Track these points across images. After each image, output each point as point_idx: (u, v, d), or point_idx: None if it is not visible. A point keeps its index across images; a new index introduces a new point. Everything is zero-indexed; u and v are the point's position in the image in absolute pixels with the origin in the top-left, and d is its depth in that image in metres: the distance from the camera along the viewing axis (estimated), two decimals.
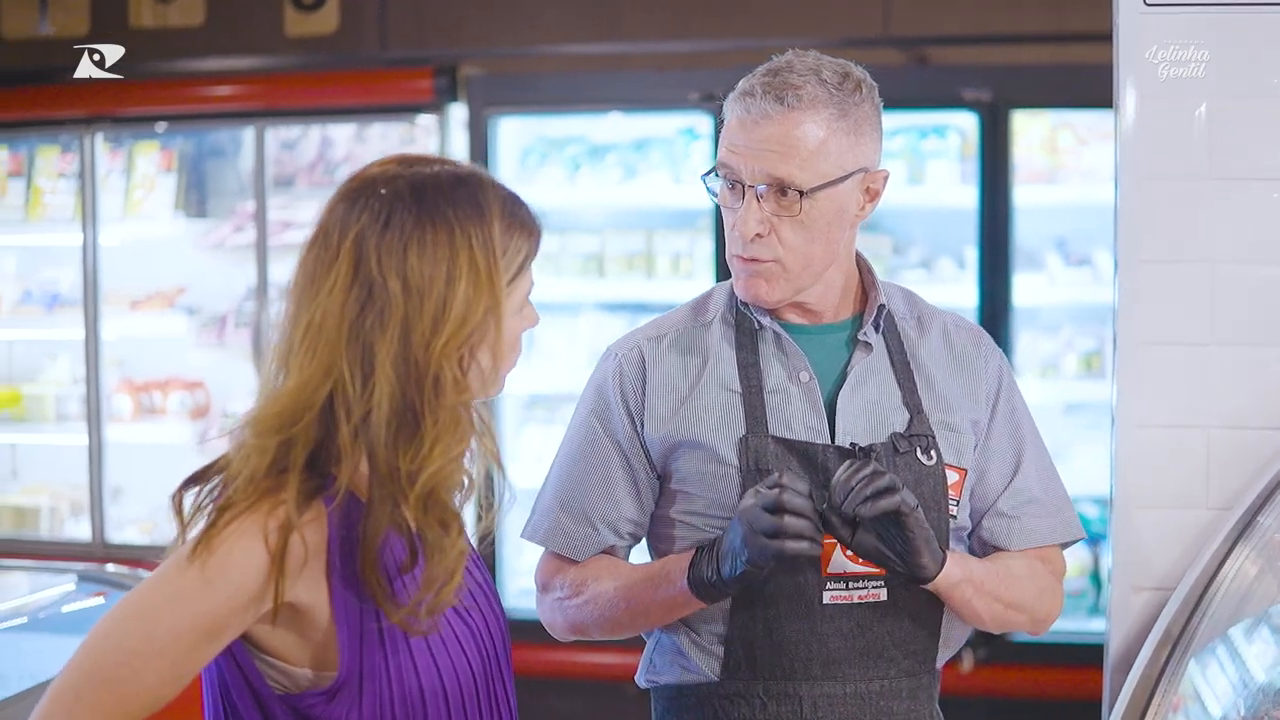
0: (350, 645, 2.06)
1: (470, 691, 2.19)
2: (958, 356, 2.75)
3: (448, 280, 2.03)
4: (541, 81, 6.56)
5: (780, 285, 2.61)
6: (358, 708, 2.08)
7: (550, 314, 6.69)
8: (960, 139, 6.19)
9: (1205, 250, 3.02)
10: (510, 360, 2.16)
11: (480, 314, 2.05)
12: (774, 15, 6.35)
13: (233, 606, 1.99)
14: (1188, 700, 2.77)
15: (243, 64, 6.84)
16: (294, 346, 2.03)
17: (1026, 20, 6.16)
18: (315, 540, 2.02)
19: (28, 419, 7.30)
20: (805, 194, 2.53)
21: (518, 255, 2.11)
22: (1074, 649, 5.89)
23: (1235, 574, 2.88)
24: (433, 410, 2.03)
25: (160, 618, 1.98)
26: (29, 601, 4.04)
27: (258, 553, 1.98)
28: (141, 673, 1.97)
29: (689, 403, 2.66)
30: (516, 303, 2.13)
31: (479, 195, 2.09)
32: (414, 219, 2.04)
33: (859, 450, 2.60)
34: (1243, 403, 3.02)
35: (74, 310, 7.04)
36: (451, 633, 2.17)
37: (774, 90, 2.53)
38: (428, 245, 2.04)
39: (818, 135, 2.53)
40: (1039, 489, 2.76)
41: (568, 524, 2.72)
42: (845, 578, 2.59)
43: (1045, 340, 6.31)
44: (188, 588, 1.98)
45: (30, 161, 7.14)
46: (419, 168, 2.11)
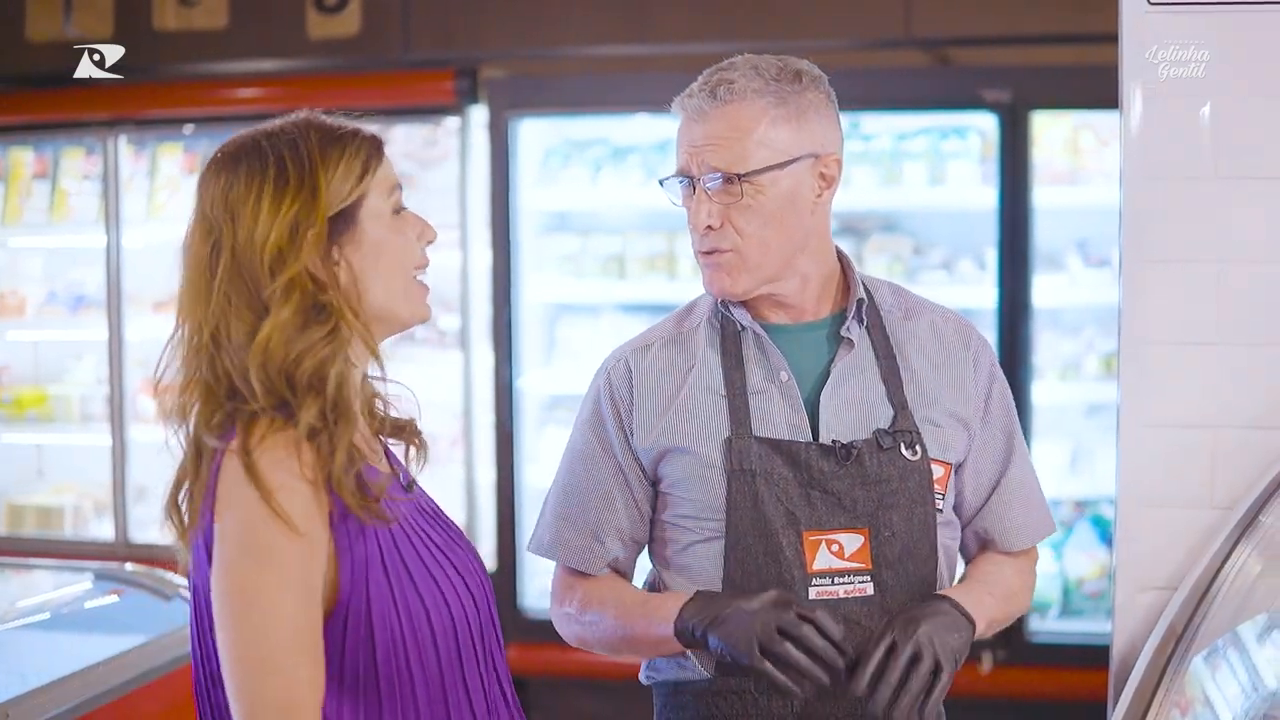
0: (353, 571, 2.17)
1: (465, 625, 2.28)
2: (946, 351, 2.78)
3: (259, 192, 2.19)
4: (562, 83, 6.56)
5: (742, 276, 2.65)
6: (370, 637, 2.17)
7: (572, 315, 6.71)
8: (981, 140, 6.18)
9: (1211, 249, 3.02)
10: (405, 261, 2.29)
11: (297, 211, 2.19)
12: (796, 17, 6.34)
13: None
14: (1196, 703, 2.76)
15: (265, 66, 6.86)
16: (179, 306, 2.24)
17: (1048, 21, 6.14)
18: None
19: (54, 419, 7.34)
20: (742, 178, 2.58)
21: (351, 163, 2.24)
22: (1094, 650, 5.86)
23: (1237, 573, 2.88)
24: (273, 292, 2.17)
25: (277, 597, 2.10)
26: (51, 598, 4.07)
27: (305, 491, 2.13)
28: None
29: (674, 408, 2.70)
30: (378, 205, 2.27)
31: (298, 125, 2.26)
32: (234, 160, 2.24)
33: (840, 448, 2.64)
34: (1248, 402, 3.02)
35: (99, 311, 7.07)
36: (449, 562, 2.29)
37: (708, 87, 2.62)
38: (243, 174, 2.21)
39: (752, 121, 2.60)
40: (1024, 486, 2.83)
41: (573, 539, 2.77)
42: (830, 574, 2.63)
43: (1066, 341, 6.29)
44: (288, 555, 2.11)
45: (55, 163, 7.18)
46: (246, 131, 2.30)
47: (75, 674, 3.28)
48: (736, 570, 2.64)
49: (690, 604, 2.56)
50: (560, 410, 6.69)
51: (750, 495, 2.63)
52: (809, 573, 2.62)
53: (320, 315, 2.19)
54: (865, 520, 2.64)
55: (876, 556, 2.64)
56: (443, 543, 2.32)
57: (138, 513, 7.05)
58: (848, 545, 2.64)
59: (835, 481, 2.63)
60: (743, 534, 2.63)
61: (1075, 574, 6.22)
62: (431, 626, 2.22)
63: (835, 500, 2.63)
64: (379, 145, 2.30)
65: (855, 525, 2.64)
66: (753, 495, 2.63)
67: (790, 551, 2.62)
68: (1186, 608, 2.90)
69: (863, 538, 2.64)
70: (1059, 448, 6.24)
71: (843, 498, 2.63)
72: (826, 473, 2.63)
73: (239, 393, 2.16)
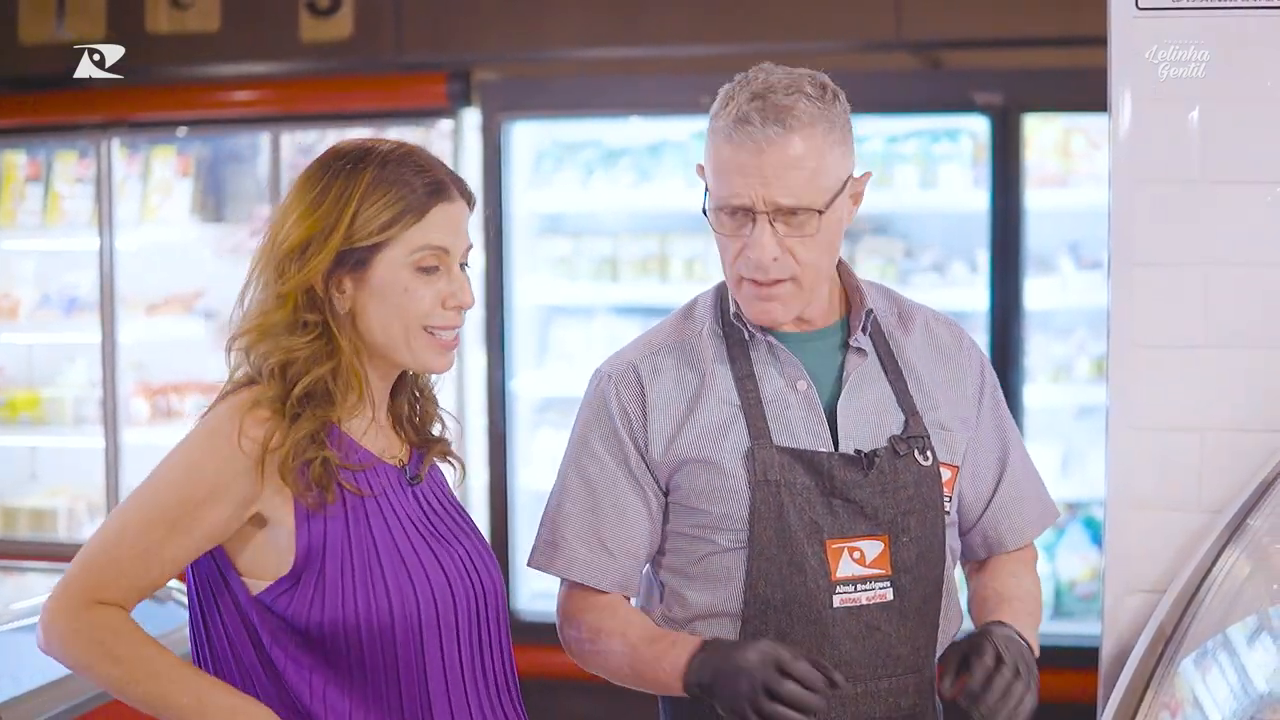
0: (310, 534, 2.32)
1: (449, 619, 2.35)
2: (941, 351, 2.79)
3: (299, 199, 2.37)
4: (554, 86, 6.57)
5: (794, 304, 2.63)
6: (320, 598, 2.30)
7: (565, 317, 6.72)
8: (972, 143, 6.18)
9: (1199, 253, 3.02)
10: (408, 315, 2.39)
11: (315, 229, 2.34)
12: (787, 19, 6.33)
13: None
14: (1186, 705, 2.76)
15: (258, 69, 6.86)
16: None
17: (1039, 24, 6.14)
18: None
19: (47, 422, 7.34)
20: (822, 213, 2.55)
21: (387, 208, 2.35)
22: (1086, 652, 5.86)
23: (1226, 575, 2.88)
24: (270, 294, 2.37)
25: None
26: (43, 601, 4.06)
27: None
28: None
29: (690, 420, 2.67)
30: (399, 256, 2.37)
31: (367, 158, 2.39)
32: (309, 172, 2.40)
33: (864, 457, 2.63)
34: (1237, 405, 3.02)
35: (92, 314, 7.07)
36: (430, 553, 2.38)
37: (771, 114, 2.52)
38: (303, 185, 2.39)
39: (818, 153, 2.55)
40: (1025, 478, 2.86)
41: (584, 554, 2.71)
42: (853, 581, 2.63)
43: (1057, 344, 6.30)
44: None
45: (48, 166, 7.19)
46: (350, 142, 2.45)
47: (69, 676, 3.27)
48: (760, 581, 2.62)
49: (697, 656, 2.52)
50: (553, 412, 6.69)
51: (775, 506, 2.61)
52: (832, 580, 2.61)
53: (309, 328, 2.33)
54: (885, 527, 2.63)
55: (895, 562, 2.64)
56: (437, 536, 2.40)
57: None
58: (869, 552, 2.64)
59: (857, 490, 2.62)
60: (766, 544, 2.61)
61: (1067, 576, 6.23)
62: (392, 613, 2.30)
63: (857, 508, 2.62)
64: (435, 203, 2.40)
65: (875, 532, 2.63)
66: (777, 506, 2.61)
67: (815, 561, 2.61)
68: (1175, 610, 2.90)
69: (882, 544, 2.64)
70: (1050, 450, 6.24)
71: (864, 505, 2.62)
72: (849, 482, 2.62)
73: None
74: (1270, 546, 2.87)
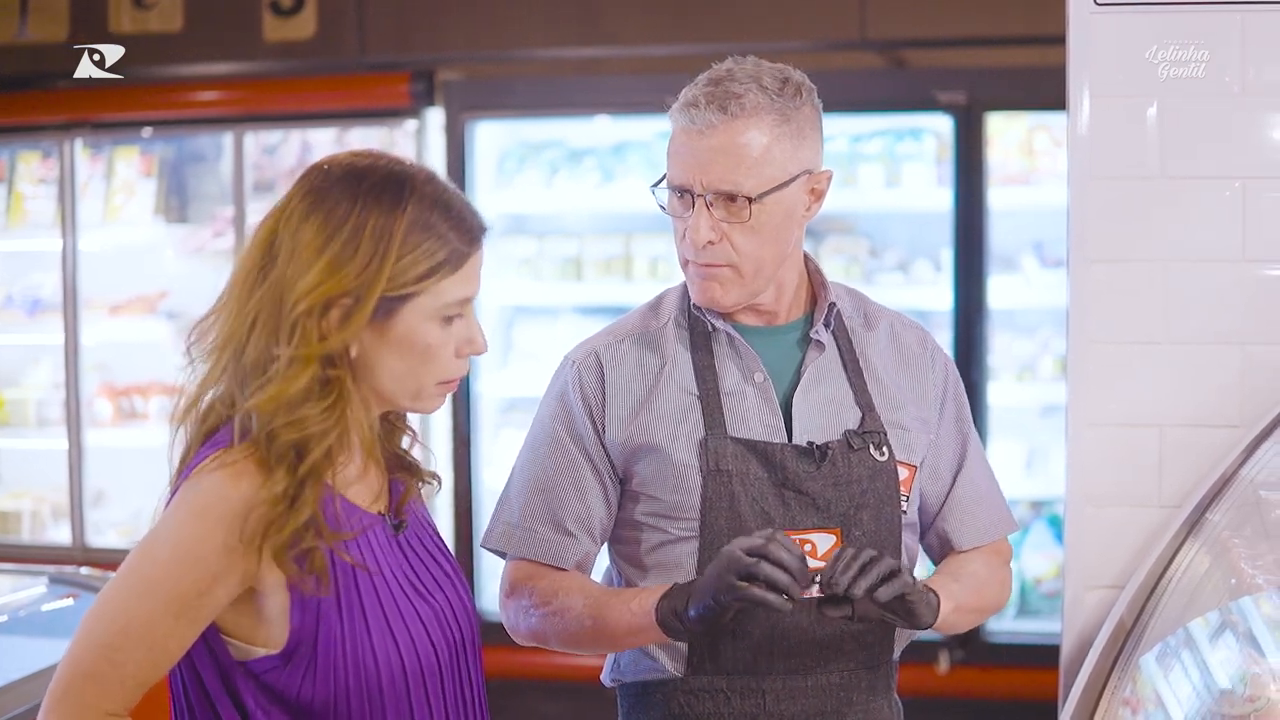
0: (304, 611, 2.16)
1: (433, 670, 2.28)
2: (905, 355, 2.81)
3: (323, 248, 2.14)
4: (518, 86, 6.58)
5: (734, 289, 2.65)
6: (312, 675, 2.17)
7: (529, 317, 6.72)
8: (936, 142, 6.20)
9: (1157, 249, 3.03)
10: (426, 369, 2.24)
11: (347, 285, 2.14)
12: (751, 19, 6.34)
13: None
14: (1148, 703, 2.77)
15: (222, 69, 6.85)
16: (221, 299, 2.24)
17: (1002, 23, 6.15)
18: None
19: (10, 423, 7.33)
20: (753, 200, 2.57)
21: (425, 257, 2.18)
22: (1051, 649, 5.87)
23: (1185, 570, 2.89)
24: (285, 358, 2.14)
25: None
26: (7, 603, 4.06)
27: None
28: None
29: (648, 406, 2.70)
30: (430, 307, 2.20)
31: (403, 192, 2.18)
32: (327, 195, 2.17)
33: (816, 449, 2.66)
34: (1195, 401, 3.03)
35: (56, 315, 7.04)
36: (412, 609, 2.27)
37: (717, 100, 2.56)
38: (323, 217, 2.16)
39: (762, 142, 2.57)
40: (984, 483, 2.86)
41: (544, 532, 2.72)
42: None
43: (1022, 342, 6.33)
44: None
45: (11, 167, 7.17)
46: (368, 159, 2.23)
47: (30, 676, 3.27)
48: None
49: (668, 594, 2.52)
50: (516, 413, 6.69)
51: (727, 496, 2.64)
52: None
53: (325, 388, 2.17)
54: (837, 520, 2.65)
55: None
56: (419, 591, 2.31)
57: (95, 517, 7.03)
58: (820, 545, 2.65)
59: (809, 482, 2.65)
60: (718, 534, 2.63)
61: (1032, 574, 6.25)
62: (380, 679, 2.22)
63: (809, 500, 2.65)
64: (473, 253, 2.24)
65: (828, 525, 2.65)
66: (729, 496, 2.63)
67: None
68: (1134, 605, 2.91)
69: (834, 537, 2.65)
70: (1015, 448, 6.27)
71: (816, 498, 2.65)
72: (801, 473, 2.65)
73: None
74: (1229, 541, 2.88)
